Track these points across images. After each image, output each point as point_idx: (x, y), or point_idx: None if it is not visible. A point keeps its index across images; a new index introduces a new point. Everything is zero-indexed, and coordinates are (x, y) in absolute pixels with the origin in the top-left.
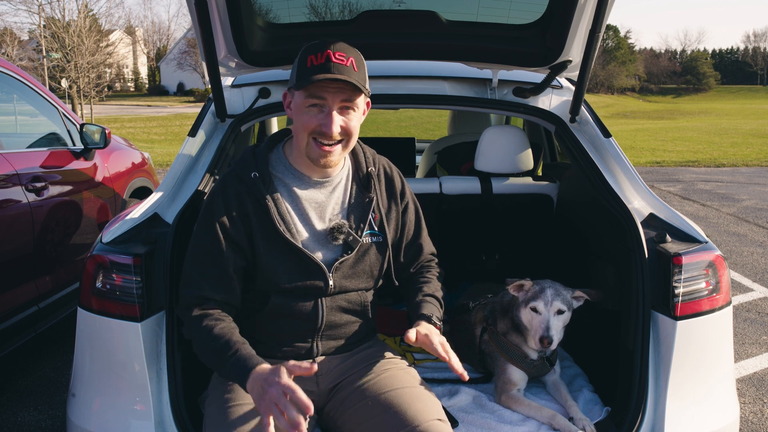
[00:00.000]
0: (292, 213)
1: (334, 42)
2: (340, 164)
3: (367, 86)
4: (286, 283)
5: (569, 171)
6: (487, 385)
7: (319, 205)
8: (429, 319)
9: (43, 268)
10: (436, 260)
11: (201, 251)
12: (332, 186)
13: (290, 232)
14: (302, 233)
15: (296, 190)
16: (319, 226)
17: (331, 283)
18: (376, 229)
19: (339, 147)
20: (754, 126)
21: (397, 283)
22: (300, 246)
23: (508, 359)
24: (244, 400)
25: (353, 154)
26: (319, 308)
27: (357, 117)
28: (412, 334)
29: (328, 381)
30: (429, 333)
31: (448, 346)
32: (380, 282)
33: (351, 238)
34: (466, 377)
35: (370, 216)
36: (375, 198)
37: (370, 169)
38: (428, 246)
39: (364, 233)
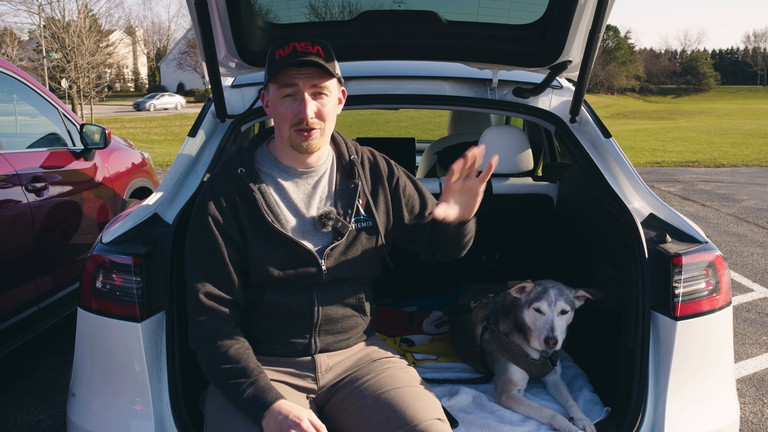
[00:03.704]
0: (280, 204)
1: (299, 36)
2: (324, 154)
3: (338, 71)
4: (278, 274)
5: (569, 171)
6: (487, 385)
7: (306, 195)
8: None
9: (43, 268)
10: None
11: (198, 250)
12: (317, 176)
13: (279, 222)
14: (291, 223)
15: (282, 182)
16: (308, 215)
17: (324, 268)
18: (363, 214)
19: (317, 132)
20: (754, 126)
21: (392, 265)
22: (289, 234)
23: (510, 358)
24: None
25: (335, 144)
26: (314, 301)
27: (331, 103)
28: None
29: (327, 380)
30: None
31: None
32: (375, 270)
33: (340, 224)
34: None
35: (356, 202)
36: (360, 184)
37: (352, 157)
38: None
39: (352, 219)
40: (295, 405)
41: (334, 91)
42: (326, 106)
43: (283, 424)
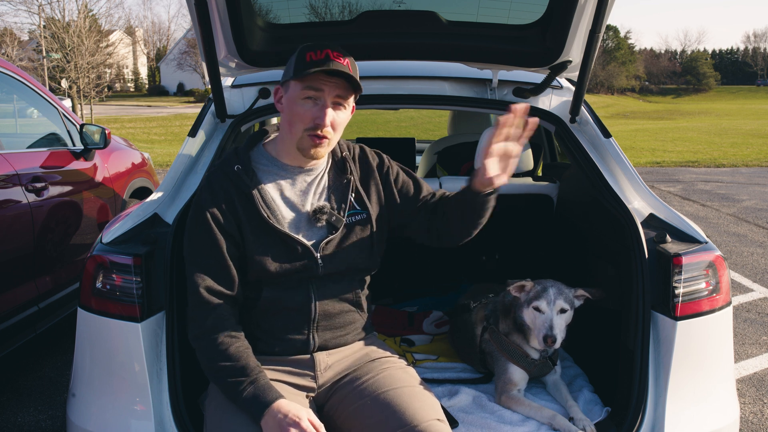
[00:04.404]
0: (277, 200)
1: (331, 43)
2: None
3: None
4: (276, 268)
5: (569, 171)
6: (487, 386)
7: (301, 191)
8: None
9: (43, 268)
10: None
11: (196, 246)
12: (314, 174)
13: (275, 218)
14: (287, 218)
15: (279, 179)
16: (303, 210)
17: (320, 261)
18: (357, 207)
19: (326, 141)
20: (754, 126)
21: (379, 264)
22: (285, 230)
23: (510, 358)
24: None
25: None
26: (311, 296)
27: (345, 115)
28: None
29: (327, 378)
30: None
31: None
32: (370, 263)
33: (334, 218)
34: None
35: (350, 196)
36: (352, 179)
37: (344, 153)
38: (436, 190)
39: (346, 213)
40: (294, 404)
41: (350, 104)
42: (341, 117)
43: (282, 424)
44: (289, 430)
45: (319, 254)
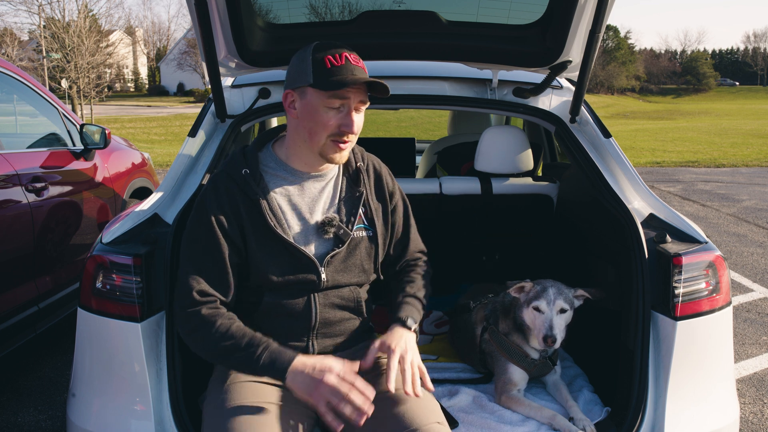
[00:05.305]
0: (284, 208)
1: (342, 44)
2: None
3: None
4: (278, 278)
5: (569, 171)
6: (487, 386)
7: (311, 199)
8: (403, 323)
9: (43, 268)
10: (425, 258)
11: (196, 247)
12: (324, 181)
13: (281, 227)
14: (294, 228)
15: (287, 185)
16: (311, 220)
17: (323, 277)
18: (366, 223)
19: (350, 144)
20: (754, 126)
21: (382, 277)
22: (291, 241)
23: (509, 358)
24: (243, 401)
25: None
26: (312, 305)
27: (363, 115)
28: (369, 358)
29: None
30: (390, 350)
31: (401, 367)
32: (372, 277)
33: (342, 231)
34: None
35: (360, 210)
36: (365, 192)
37: (359, 164)
38: (416, 243)
39: (354, 227)
40: (315, 357)
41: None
42: (361, 120)
43: (313, 374)
44: (323, 376)
45: (323, 268)
